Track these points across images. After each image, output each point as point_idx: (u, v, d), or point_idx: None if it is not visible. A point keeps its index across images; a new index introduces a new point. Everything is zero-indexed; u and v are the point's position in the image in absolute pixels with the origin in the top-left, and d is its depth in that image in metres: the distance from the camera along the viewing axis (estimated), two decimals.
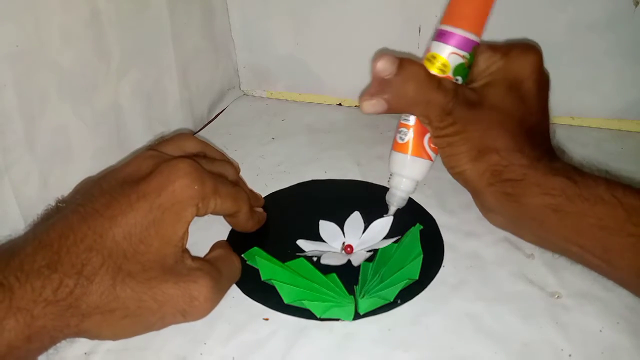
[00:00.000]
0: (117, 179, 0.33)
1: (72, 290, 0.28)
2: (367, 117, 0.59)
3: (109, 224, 0.30)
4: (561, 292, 0.35)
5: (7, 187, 0.36)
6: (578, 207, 0.32)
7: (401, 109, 0.38)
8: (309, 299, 0.34)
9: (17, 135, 0.36)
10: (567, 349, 0.31)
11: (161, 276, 0.31)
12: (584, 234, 0.32)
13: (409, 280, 0.35)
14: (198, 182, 0.32)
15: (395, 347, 0.32)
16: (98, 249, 0.29)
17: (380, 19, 0.55)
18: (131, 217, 0.30)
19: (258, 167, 0.50)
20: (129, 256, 0.30)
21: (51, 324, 0.28)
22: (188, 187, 0.32)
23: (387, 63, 0.35)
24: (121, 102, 0.46)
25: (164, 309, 0.31)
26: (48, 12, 0.37)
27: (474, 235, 0.40)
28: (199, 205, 0.32)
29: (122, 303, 0.30)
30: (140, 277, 0.30)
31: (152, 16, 0.48)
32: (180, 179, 0.31)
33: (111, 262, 0.29)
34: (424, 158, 0.40)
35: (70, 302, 0.28)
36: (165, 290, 0.31)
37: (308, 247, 0.39)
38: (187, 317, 0.32)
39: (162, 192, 0.31)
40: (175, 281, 0.31)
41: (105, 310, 0.29)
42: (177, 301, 0.31)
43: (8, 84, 0.35)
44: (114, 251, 0.30)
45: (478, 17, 0.37)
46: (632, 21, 0.49)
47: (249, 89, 0.65)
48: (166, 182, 0.31)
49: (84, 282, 0.29)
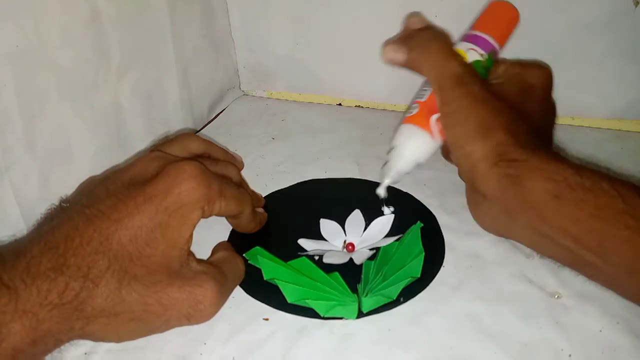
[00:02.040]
0: (123, 181, 0.33)
1: (78, 294, 0.28)
2: (367, 117, 0.59)
3: (115, 227, 0.30)
4: (561, 292, 0.35)
5: (7, 187, 0.36)
6: (579, 195, 0.32)
7: (419, 66, 0.39)
8: (312, 298, 0.34)
9: (17, 135, 0.36)
10: (567, 349, 0.31)
11: (167, 280, 0.30)
12: (581, 224, 0.32)
13: (411, 278, 0.35)
14: (204, 184, 0.32)
15: (395, 347, 0.32)
16: (104, 251, 0.29)
17: (380, 19, 0.55)
18: (137, 220, 0.30)
19: (258, 167, 0.50)
20: (135, 259, 0.30)
21: (56, 327, 0.28)
22: (194, 189, 0.31)
23: (420, 19, 0.40)
24: (121, 102, 0.46)
25: (169, 313, 0.31)
26: (48, 12, 0.37)
27: (474, 235, 0.40)
28: (205, 208, 0.32)
29: (127, 307, 0.29)
30: (146, 281, 0.30)
31: (152, 16, 0.48)
32: (187, 182, 0.31)
33: (117, 265, 0.29)
34: (426, 131, 0.39)
35: (76, 305, 0.28)
36: (170, 294, 0.30)
37: (309, 246, 0.39)
38: (191, 321, 0.32)
39: (169, 194, 0.31)
40: (181, 285, 0.31)
41: (110, 314, 0.29)
42: (182, 305, 0.31)
43: (8, 84, 0.35)
44: (120, 254, 0.29)
45: (498, 26, 0.42)
46: (632, 21, 0.49)
47: (249, 89, 0.65)
48: (173, 185, 0.31)
49: (89, 285, 0.28)
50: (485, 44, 0.40)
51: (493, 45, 0.40)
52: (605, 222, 0.31)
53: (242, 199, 0.36)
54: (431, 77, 0.38)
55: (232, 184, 0.36)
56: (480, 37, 0.41)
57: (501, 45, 0.41)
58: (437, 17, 0.53)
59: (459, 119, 0.37)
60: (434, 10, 0.52)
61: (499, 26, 0.42)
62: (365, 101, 0.61)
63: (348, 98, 0.61)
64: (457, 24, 0.53)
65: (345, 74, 0.59)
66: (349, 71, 0.59)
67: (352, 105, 0.61)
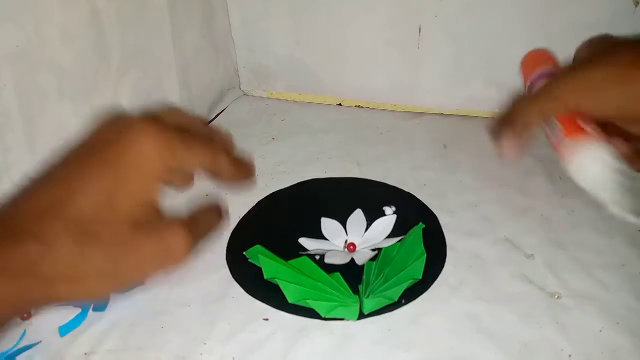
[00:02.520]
0: (85, 146, 0.32)
1: (31, 258, 0.28)
2: (367, 117, 0.59)
3: (70, 192, 0.29)
4: (561, 293, 0.35)
5: (7, 187, 0.36)
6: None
7: (548, 112, 0.38)
8: (313, 299, 0.34)
9: (17, 135, 0.36)
10: (567, 349, 0.31)
11: (134, 233, 0.30)
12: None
13: (412, 280, 0.35)
14: (158, 133, 0.31)
15: (395, 347, 0.32)
16: (59, 216, 0.29)
17: (381, 19, 0.55)
18: (96, 183, 0.30)
19: (258, 167, 0.50)
20: (95, 221, 0.29)
21: (12, 292, 0.27)
22: (148, 142, 0.31)
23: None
24: (121, 101, 0.46)
25: (142, 263, 0.31)
26: (48, 12, 0.37)
27: (474, 236, 0.40)
28: (164, 156, 0.31)
29: (92, 266, 0.29)
30: (111, 238, 0.30)
31: (152, 16, 0.48)
32: (141, 138, 0.31)
33: (75, 228, 0.29)
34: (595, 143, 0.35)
35: (29, 269, 0.28)
36: (140, 246, 0.30)
37: (310, 245, 0.39)
38: (166, 266, 0.31)
39: (126, 154, 0.31)
40: (147, 235, 0.31)
41: (74, 276, 0.29)
42: (153, 253, 0.31)
43: (8, 84, 0.35)
44: (77, 217, 0.29)
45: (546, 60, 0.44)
46: (632, 21, 0.49)
47: (249, 89, 0.65)
48: (128, 145, 0.31)
49: (43, 249, 0.28)
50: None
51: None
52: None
53: (207, 142, 0.34)
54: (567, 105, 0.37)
55: (197, 132, 0.35)
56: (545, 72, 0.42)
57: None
58: (437, 16, 0.53)
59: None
60: (434, 10, 0.53)
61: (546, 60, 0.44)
62: (365, 101, 0.61)
63: (348, 98, 0.61)
64: (457, 24, 0.53)
65: (345, 74, 0.59)
66: (349, 71, 0.59)
67: (352, 105, 0.61)
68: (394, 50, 0.56)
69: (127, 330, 0.33)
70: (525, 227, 0.41)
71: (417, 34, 0.54)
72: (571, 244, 0.39)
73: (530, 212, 0.42)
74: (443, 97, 0.57)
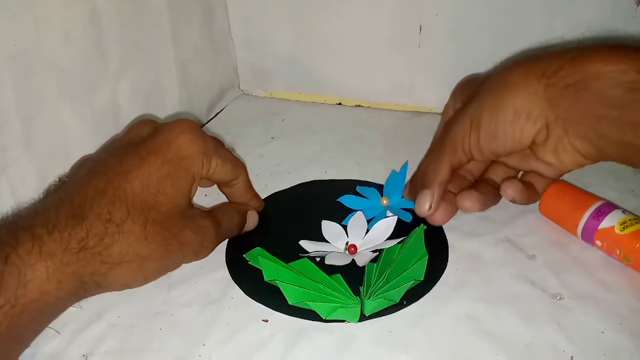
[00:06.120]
0: (122, 142, 0.35)
1: (101, 239, 0.30)
2: (367, 117, 0.59)
3: (125, 178, 0.32)
4: (563, 294, 0.35)
5: (5, 187, 0.36)
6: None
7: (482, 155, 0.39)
8: (314, 300, 0.33)
9: (15, 135, 0.36)
10: (569, 351, 0.31)
11: (182, 223, 0.34)
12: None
13: (414, 281, 0.35)
14: (201, 138, 0.35)
15: (396, 348, 0.32)
16: (120, 200, 0.31)
17: (381, 19, 0.55)
18: (145, 170, 0.32)
19: (258, 167, 0.50)
20: (151, 206, 0.32)
21: (81, 270, 0.29)
22: (193, 142, 0.34)
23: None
24: (120, 101, 0.46)
25: (185, 250, 0.34)
26: (47, 12, 0.37)
27: (474, 236, 0.40)
28: (204, 161, 0.35)
29: (153, 249, 0.32)
30: (166, 224, 0.32)
31: (152, 16, 0.47)
32: (185, 134, 0.34)
33: (136, 212, 0.31)
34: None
35: (100, 250, 0.30)
36: (186, 235, 0.34)
37: (311, 247, 0.39)
38: (198, 256, 0.35)
39: (170, 146, 0.33)
40: (191, 226, 0.34)
41: (137, 257, 0.31)
42: (194, 243, 0.34)
43: (7, 84, 0.35)
44: (136, 202, 0.31)
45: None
46: (632, 21, 0.48)
47: (248, 89, 0.65)
48: (172, 137, 0.34)
49: (114, 231, 0.30)
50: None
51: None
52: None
53: (237, 163, 0.38)
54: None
55: (226, 148, 0.38)
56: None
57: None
58: (437, 15, 0.53)
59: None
60: (434, 10, 0.52)
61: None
62: (365, 101, 0.60)
63: (348, 98, 0.61)
64: (457, 24, 0.53)
65: (345, 74, 0.59)
66: (349, 71, 0.59)
67: (352, 105, 0.61)
68: (394, 50, 0.56)
69: (126, 331, 0.33)
70: (527, 228, 0.41)
71: (418, 33, 0.54)
72: (572, 244, 0.39)
73: (531, 212, 0.42)
74: (444, 97, 0.57)
